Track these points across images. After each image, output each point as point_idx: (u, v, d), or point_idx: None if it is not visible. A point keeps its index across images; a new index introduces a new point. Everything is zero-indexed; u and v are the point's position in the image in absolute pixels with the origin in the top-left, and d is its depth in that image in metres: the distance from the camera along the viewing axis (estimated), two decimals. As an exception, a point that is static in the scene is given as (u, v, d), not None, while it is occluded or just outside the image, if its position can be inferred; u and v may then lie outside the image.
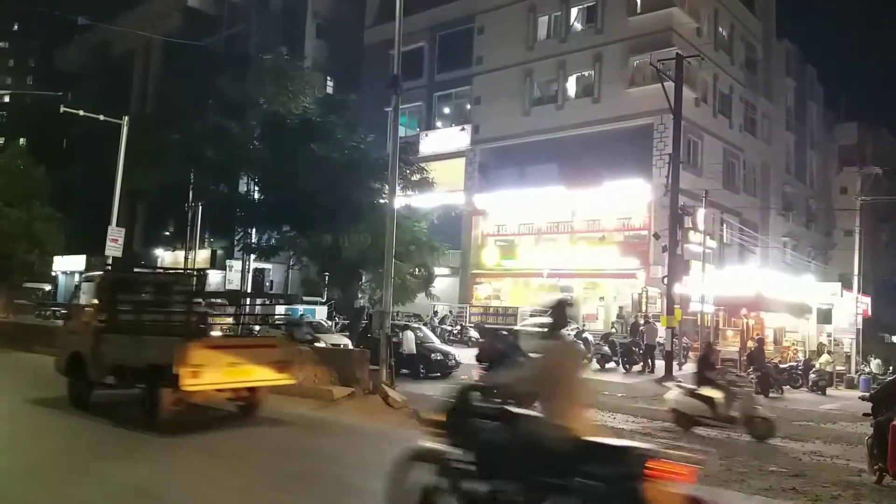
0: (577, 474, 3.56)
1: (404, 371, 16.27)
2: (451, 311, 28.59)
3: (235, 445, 7.74)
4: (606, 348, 20.39)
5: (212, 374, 7.97)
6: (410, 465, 4.43)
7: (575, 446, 3.62)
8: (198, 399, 8.49)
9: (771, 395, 18.42)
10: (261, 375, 8.53)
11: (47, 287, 42.94)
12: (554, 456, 3.63)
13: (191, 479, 6.22)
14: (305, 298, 31.53)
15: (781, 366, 21.16)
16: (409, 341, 17.05)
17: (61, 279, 46.69)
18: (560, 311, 4.19)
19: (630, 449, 3.74)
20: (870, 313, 30.30)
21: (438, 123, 34.55)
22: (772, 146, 36.03)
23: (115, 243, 19.55)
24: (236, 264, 31.25)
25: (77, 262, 42.32)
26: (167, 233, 38.46)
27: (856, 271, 28.91)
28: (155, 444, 7.48)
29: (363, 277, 21.38)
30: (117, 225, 20.11)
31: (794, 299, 27.58)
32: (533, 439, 3.73)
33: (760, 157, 34.59)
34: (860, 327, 27.66)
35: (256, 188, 22.28)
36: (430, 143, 32.65)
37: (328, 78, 36.27)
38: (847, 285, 29.17)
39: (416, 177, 21.03)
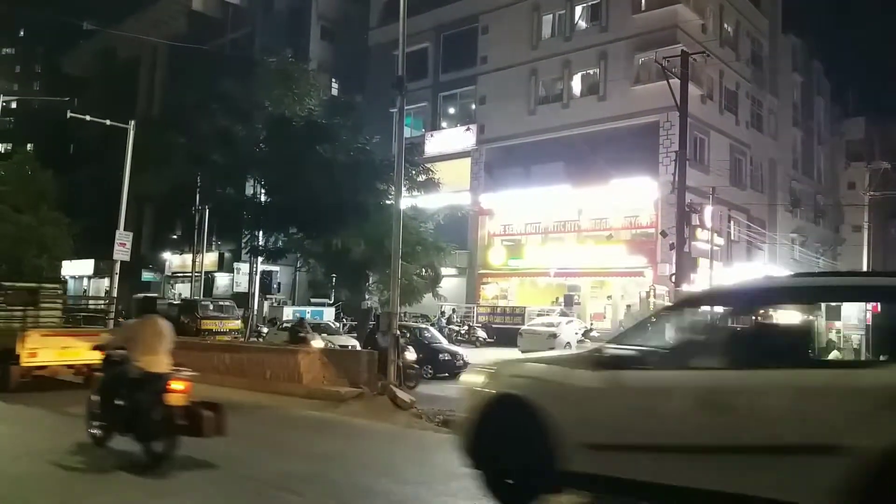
0: (140, 391, 6.47)
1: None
2: (454, 311, 28.59)
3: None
4: (614, 347, 20.32)
5: (46, 354, 10.91)
6: (91, 399, 7.13)
7: (140, 375, 6.56)
8: (45, 373, 11.25)
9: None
10: (88, 356, 10.55)
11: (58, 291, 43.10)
12: (131, 381, 6.61)
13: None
14: (313, 300, 31.62)
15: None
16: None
17: (70, 284, 47.00)
18: (143, 304, 7.57)
19: (161, 374, 6.52)
20: (879, 308, 30.02)
21: (443, 124, 34.56)
22: (779, 142, 35.84)
23: (122, 247, 19.60)
24: (244, 267, 31.35)
25: (85, 266, 42.68)
26: (175, 236, 38.66)
27: (864, 267, 28.69)
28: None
29: (370, 278, 21.42)
30: (125, 229, 20.17)
31: (802, 296, 27.36)
32: (123, 373, 6.75)
33: (767, 153, 34.42)
34: (870, 323, 27.44)
35: (263, 191, 22.35)
36: (436, 143, 32.66)
37: (333, 80, 36.36)
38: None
39: (421, 177, 21.01)
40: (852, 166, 42.42)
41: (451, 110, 34.94)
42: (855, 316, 26.84)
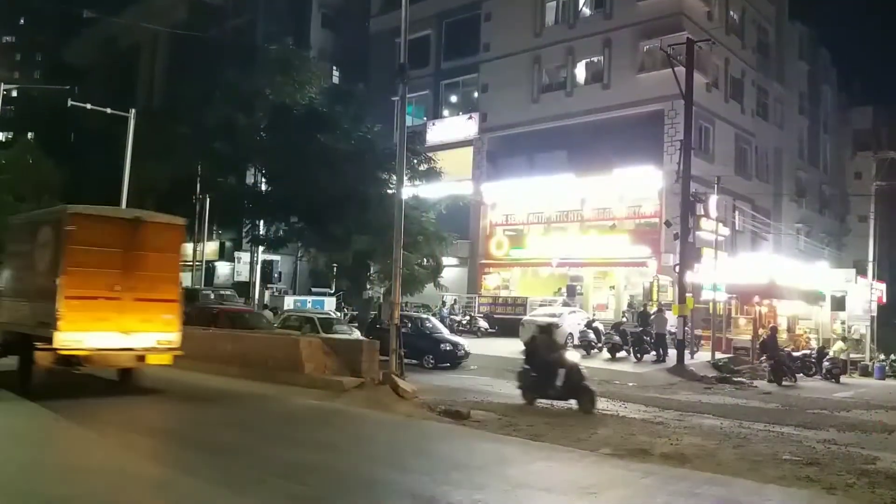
0: None
1: (413, 361, 16.22)
2: (455, 301, 28.49)
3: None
4: (617, 337, 20.26)
5: None
6: None
7: None
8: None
9: (784, 383, 18.27)
10: None
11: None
12: None
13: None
14: (314, 289, 31.61)
15: (794, 354, 20.94)
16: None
17: (73, 272, 46.99)
18: None
19: None
20: (885, 300, 29.88)
21: (445, 112, 34.33)
22: (784, 131, 35.55)
23: (124, 236, 19.49)
24: (245, 256, 31.34)
25: (88, 255, 42.57)
26: (176, 225, 38.54)
27: (870, 257, 28.56)
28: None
29: (371, 268, 21.37)
30: (126, 218, 20.05)
31: (807, 286, 27.27)
32: None
33: (773, 142, 34.15)
34: (875, 314, 27.31)
35: (264, 180, 22.30)
36: (438, 132, 32.47)
37: (334, 68, 36.14)
38: (861, 272, 28.81)
39: (423, 167, 20.94)
40: (859, 155, 42.15)
41: (454, 98, 34.69)
42: (860, 307, 26.68)
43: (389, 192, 18.52)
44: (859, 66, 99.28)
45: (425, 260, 21.02)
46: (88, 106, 22.08)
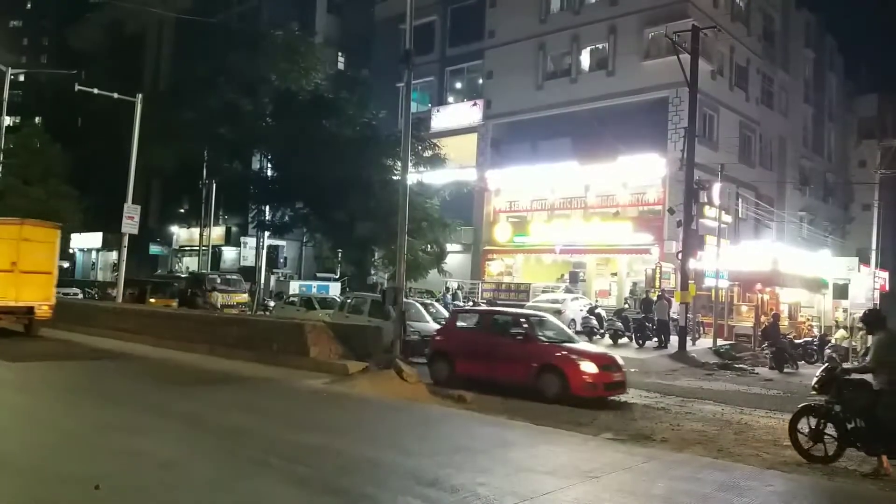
0: None
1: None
2: (458, 287, 28.63)
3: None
4: (619, 324, 20.40)
5: None
6: None
7: None
8: None
9: (786, 370, 18.39)
10: None
11: (65, 264, 43.52)
12: None
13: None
14: (319, 274, 31.79)
15: (796, 341, 21.05)
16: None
17: (79, 256, 47.42)
18: None
19: None
20: (888, 288, 29.91)
21: (450, 99, 34.24)
22: (789, 119, 35.38)
23: (131, 220, 19.70)
24: (251, 241, 31.50)
25: (94, 239, 42.93)
26: (182, 210, 38.75)
27: (874, 245, 28.53)
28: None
29: (376, 254, 21.51)
30: (133, 202, 20.23)
31: (810, 274, 27.31)
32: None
33: (777, 130, 34.01)
34: (877, 302, 27.33)
35: (269, 165, 22.40)
36: (442, 118, 32.41)
37: (339, 53, 36.00)
38: (865, 260, 28.82)
39: (428, 153, 21.00)
40: (864, 143, 41.85)
41: (458, 85, 34.58)
42: (863, 295, 26.70)
43: (394, 178, 18.61)
44: (865, 53, 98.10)
45: (429, 246, 21.15)
46: (95, 90, 22.08)
